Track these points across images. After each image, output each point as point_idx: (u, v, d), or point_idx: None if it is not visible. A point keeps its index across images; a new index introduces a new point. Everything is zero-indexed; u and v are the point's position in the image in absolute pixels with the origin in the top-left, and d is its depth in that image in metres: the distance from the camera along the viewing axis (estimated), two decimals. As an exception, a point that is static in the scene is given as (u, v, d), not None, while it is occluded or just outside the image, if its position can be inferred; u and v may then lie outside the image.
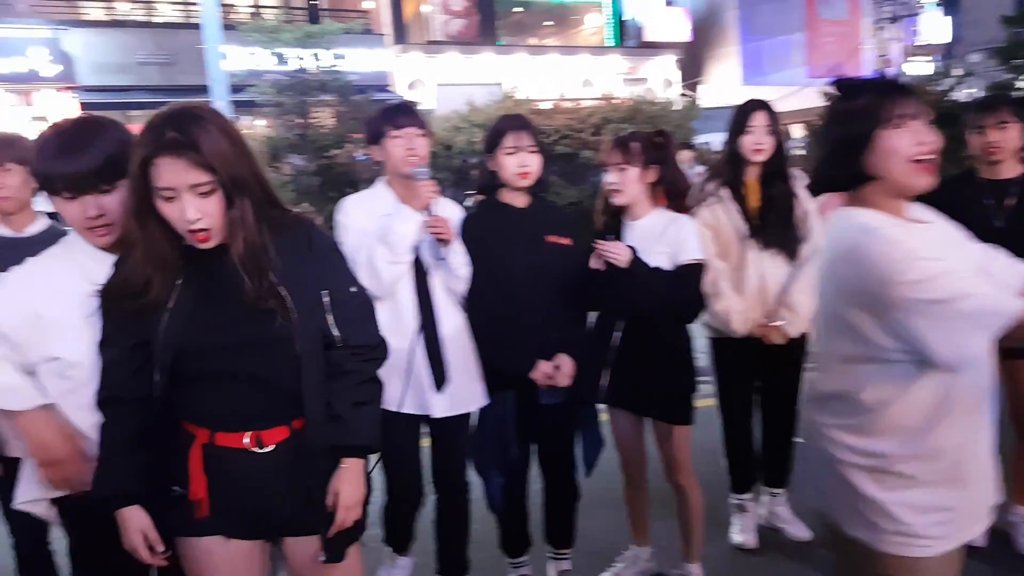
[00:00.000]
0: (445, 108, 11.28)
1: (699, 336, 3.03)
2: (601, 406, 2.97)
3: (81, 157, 1.75)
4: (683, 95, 19.46)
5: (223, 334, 1.70)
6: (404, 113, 2.69)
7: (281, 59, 11.63)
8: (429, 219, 2.55)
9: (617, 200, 2.83)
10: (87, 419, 1.81)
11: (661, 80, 21.25)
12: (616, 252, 2.62)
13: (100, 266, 1.80)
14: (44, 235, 2.58)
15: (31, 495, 1.91)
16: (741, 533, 3.40)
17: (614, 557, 3.20)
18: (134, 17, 17.07)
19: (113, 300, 1.73)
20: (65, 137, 1.79)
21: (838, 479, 1.77)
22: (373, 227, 2.60)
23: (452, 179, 9.64)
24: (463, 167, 9.80)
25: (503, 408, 2.77)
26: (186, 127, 1.58)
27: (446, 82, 17.88)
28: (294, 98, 11.28)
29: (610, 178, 2.81)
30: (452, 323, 2.70)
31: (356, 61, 16.50)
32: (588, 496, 3.05)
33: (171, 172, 1.58)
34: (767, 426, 3.42)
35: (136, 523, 1.75)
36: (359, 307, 1.85)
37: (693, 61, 23.24)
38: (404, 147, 2.63)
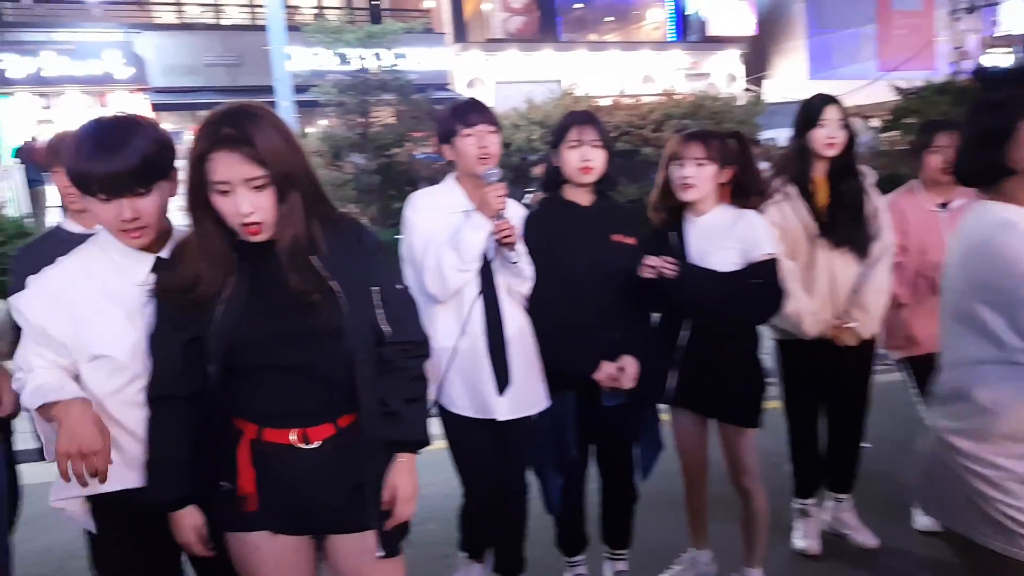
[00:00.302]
0: (504, 106, 11.29)
1: (764, 337, 2.96)
2: (661, 407, 2.92)
3: (117, 157, 1.70)
4: (747, 90, 19.13)
5: (275, 327, 1.73)
6: (475, 110, 2.63)
7: (343, 59, 11.78)
8: (496, 223, 2.51)
9: (687, 195, 2.75)
10: (133, 415, 1.81)
11: (724, 75, 20.92)
12: (664, 266, 2.57)
13: (135, 263, 1.81)
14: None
15: (65, 493, 1.87)
16: (804, 539, 3.31)
17: (671, 559, 3.15)
18: (203, 20, 17.55)
19: (166, 295, 1.75)
20: (101, 136, 1.73)
21: (963, 487, 1.70)
22: (441, 227, 2.57)
23: (511, 177, 9.64)
24: (521, 165, 9.79)
25: (563, 409, 2.74)
26: (241, 124, 1.63)
27: (505, 80, 17.90)
28: (355, 98, 11.42)
29: (685, 172, 2.73)
30: (516, 324, 2.66)
31: (416, 60, 16.66)
32: (646, 497, 3.01)
33: (226, 166, 1.63)
34: (833, 430, 3.32)
35: (190, 521, 1.79)
36: (405, 304, 1.90)
37: (758, 55, 22.81)
38: (476, 145, 2.57)
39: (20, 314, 1.81)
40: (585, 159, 2.68)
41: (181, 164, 1.75)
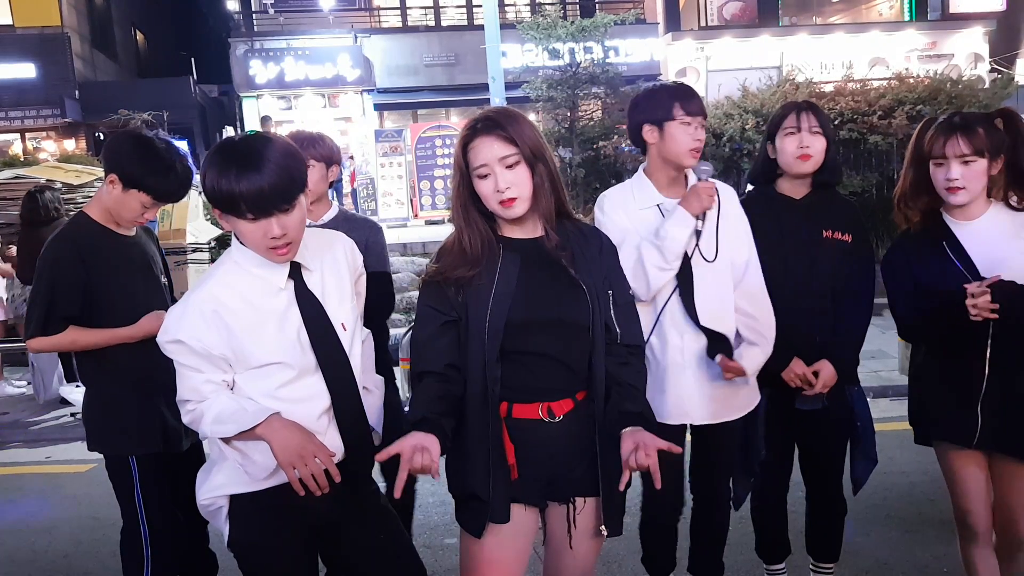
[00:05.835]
0: (716, 95, 10.93)
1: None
2: (880, 419, 2.69)
3: (263, 175, 1.71)
4: (993, 71, 17.26)
5: (536, 318, 1.90)
6: (695, 98, 2.41)
7: (555, 54, 11.94)
8: (695, 185, 2.35)
9: (957, 199, 2.30)
10: (298, 411, 1.85)
11: (965, 56, 19.03)
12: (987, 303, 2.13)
13: (273, 272, 1.87)
14: (333, 222, 2.79)
15: (218, 491, 1.92)
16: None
17: (887, 580, 2.91)
18: (424, 22, 18.52)
19: (435, 286, 1.94)
20: (242, 156, 1.73)
21: None
22: (632, 223, 2.42)
23: (720, 168, 9.33)
24: (733, 156, 9.43)
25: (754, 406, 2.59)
26: (493, 116, 1.93)
27: (718, 68, 17.40)
28: (564, 92, 11.54)
29: (951, 173, 2.28)
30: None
31: (627, 52, 16.59)
32: (861, 511, 2.80)
33: (484, 149, 1.88)
34: None
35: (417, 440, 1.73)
36: (632, 310, 2.07)
37: (1008, 33, 20.47)
38: (692, 136, 2.37)
39: (181, 345, 1.81)
40: (803, 146, 2.52)
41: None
